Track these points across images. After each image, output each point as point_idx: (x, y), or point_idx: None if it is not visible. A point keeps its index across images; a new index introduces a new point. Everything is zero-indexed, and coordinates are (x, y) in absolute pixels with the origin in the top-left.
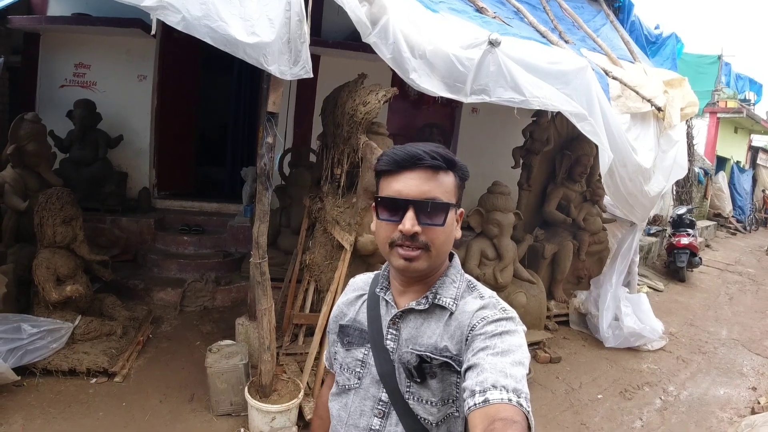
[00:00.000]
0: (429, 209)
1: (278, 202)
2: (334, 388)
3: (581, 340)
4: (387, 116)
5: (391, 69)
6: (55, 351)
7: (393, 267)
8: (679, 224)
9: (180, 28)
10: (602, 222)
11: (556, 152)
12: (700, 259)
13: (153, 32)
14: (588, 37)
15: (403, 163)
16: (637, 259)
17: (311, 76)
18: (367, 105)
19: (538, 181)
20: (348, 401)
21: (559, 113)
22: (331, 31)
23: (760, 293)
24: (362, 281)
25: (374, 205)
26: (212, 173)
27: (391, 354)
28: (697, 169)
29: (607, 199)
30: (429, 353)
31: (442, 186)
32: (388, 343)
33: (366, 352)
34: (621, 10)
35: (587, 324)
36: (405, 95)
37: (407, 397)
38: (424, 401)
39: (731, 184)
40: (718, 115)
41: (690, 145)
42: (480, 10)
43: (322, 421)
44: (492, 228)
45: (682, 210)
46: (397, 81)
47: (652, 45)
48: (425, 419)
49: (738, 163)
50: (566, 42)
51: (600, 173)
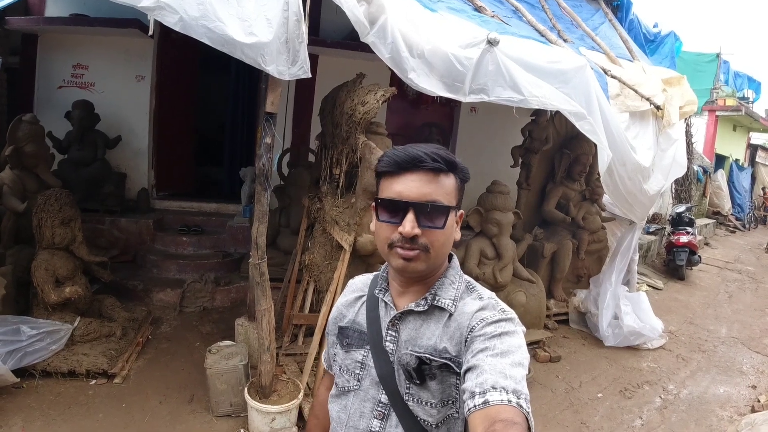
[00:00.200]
0: (429, 212)
1: (277, 202)
2: (333, 390)
3: (581, 338)
4: (386, 116)
5: (389, 68)
6: (54, 352)
7: (392, 267)
8: (679, 222)
9: (177, 28)
10: (601, 221)
11: (556, 151)
12: (700, 257)
13: (150, 33)
14: (587, 36)
15: (403, 164)
16: (637, 257)
17: (309, 76)
18: (366, 105)
19: (537, 180)
20: (347, 403)
21: (558, 112)
22: (329, 31)
23: (760, 291)
24: (361, 282)
25: (374, 205)
26: (211, 173)
27: (390, 355)
28: (696, 168)
29: (606, 198)
30: (428, 355)
31: (443, 188)
32: (388, 344)
33: (365, 354)
34: (619, 8)
35: (587, 323)
36: (404, 95)
37: (407, 398)
38: (424, 403)
39: (730, 182)
40: (717, 113)
41: (689, 144)
42: (478, 9)
43: (318, 420)
44: (491, 227)
45: (681, 208)
46: (395, 80)
47: (650, 43)
48: (425, 421)
49: (737, 161)
50: (565, 41)
51: (599, 172)
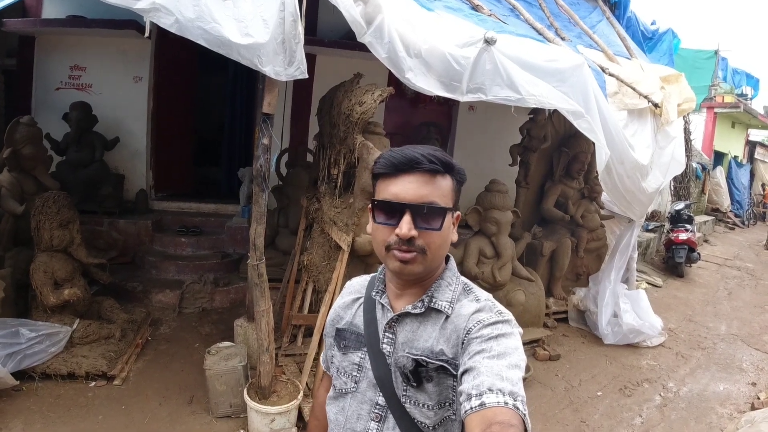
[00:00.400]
0: (426, 213)
1: (276, 202)
2: (331, 392)
3: (580, 337)
4: (384, 115)
5: (387, 68)
6: (53, 355)
7: (389, 270)
8: (677, 220)
9: (173, 30)
10: (600, 219)
11: (554, 149)
12: (699, 254)
13: (147, 34)
14: (584, 34)
15: (400, 166)
16: (636, 255)
17: (306, 76)
18: (363, 105)
19: (535, 179)
20: (345, 405)
21: (556, 111)
22: (326, 31)
23: (759, 288)
24: (358, 284)
25: (370, 207)
26: (210, 174)
27: (387, 358)
28: (694, 165)
29: (604, 196)
30: (425, 357)
31: (440, 190)
32: (385, 346)
33: (363, 356)
34: (617, 6)
35: (586, 321)
36: (402, 94)
37: (404, 400)
38: (421, 405)
39: (729, 178)
40: (716, 110)
41: (687, 141)
42: (476, 8)
43: (318, 422)
44: (490, 226)
45: (680, 205)
46: (393, 80)
47: (648, 41)
48: (422, 423)
49: (735, 157)
50: (562, 39)
51: (597, 170)
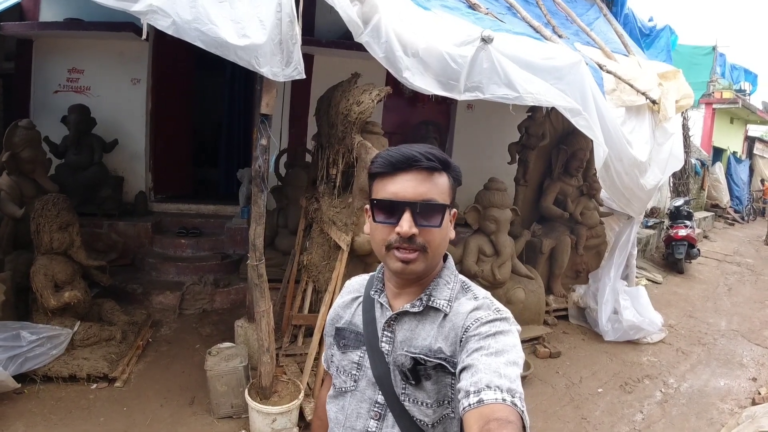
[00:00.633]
0: (426, 210)
1: (275, 202)
2: (331, 391)
3: (581, 334)
4: (382, 114)
5: (385, 67)
6: (55, 357)
7: (389, 269)
8: (677, 216)
9: (170, 32)
10: (599, 216)
11: (552, 147)
12: (699, 250)
13: (144, 36)
14: (581, 31)
15: (398, 164)
16: (635, 252)
17: (304, 77)
18: (361, 105)
19: (534, 177)
20: (345, 404)
21: (554, 108)
22: (324, 31)
23: (759, 283)
24: (357, 283)
25: (368, 208)
26: (209, 174)
27: (386, 356)
28: (693, 161)
29: (603, 193)
30: (423, 355)
31: (438, 187)
32: (383, 345)
33: (362, 355)
34: (614, 3)
35: (586, 318)
36: (400, 93)
37: (403, 399)
38: (420, 403)
39: (728, 174)
40: (714, 106)
41: (686, 137)
42: (472, 6)
43: (321, 422)
44: (489, 224)
45: (679, 202)
46: (391, 79)
47: (646, 37)
48: (421, 421)
49: (735, 153)
50: (560, 36)
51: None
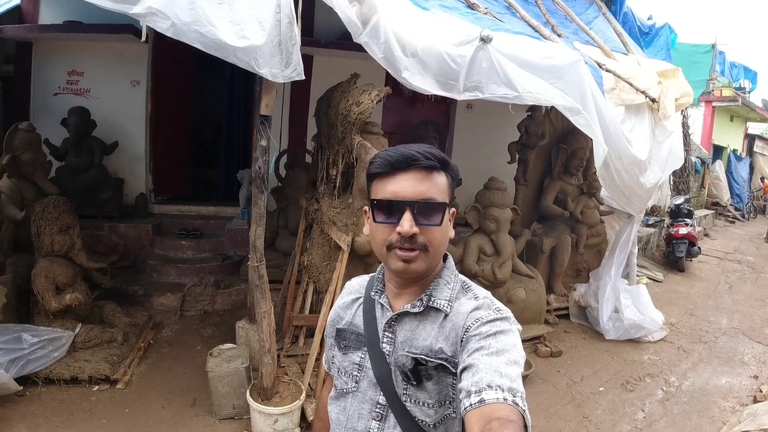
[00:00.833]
0: (426, 209)
1: (275, 203)
2: (332, 392)
3: (582, 333)
4: (382, 115)
5: (384, 68)
6: (56, 360)
7: (390, 269)
8: (677, 214)
9: (169, 34)
10: (600, 214)
11: (552, 146)
12: (699, 248)
13: (143, 38)
14: (581, 30)
15: (397, 164)
16: (636, 250)
17: (303, 78)
18: (361, 105)
19: (534, 176)
20: (346, 405)
21: (554, 107)
22: (323, 31)
23: (760, 281)
24: (358, 284)
25: (367, 209)
26: (209, 176)
27: (387, 357)
28: (693, 159)
29: (604, 192)
30: (424, 356)
31: (437, 186)
32: (384, 346)
33: (363, 356)
34: (613, 1)
35: (587, 317)
36: (399, 93)
37: (404, 399)
38: (421, 403)
39: (728, 172)
40: (714, 104)
41: (686, 135)
42: (471, 6)
43: (323, 422)
44: (489, 224)
45: (679, 200)
46: (391, 79)
47: (645, 36)
48: (423, 421)
49: (735, 151)
50: (559, 36)
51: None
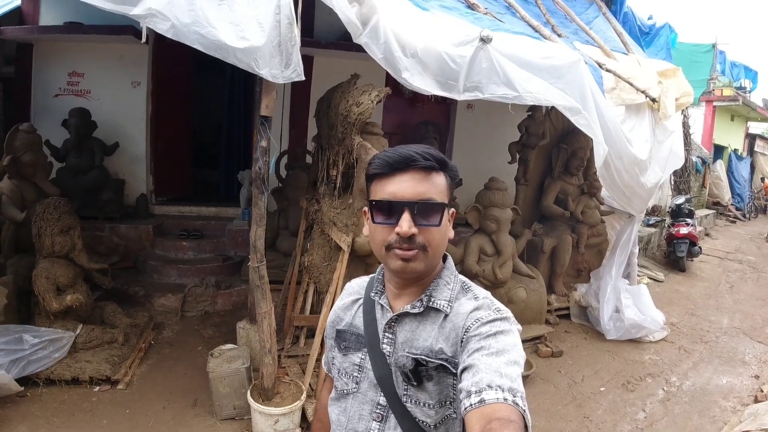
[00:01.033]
0: (425, 210)
1: (276, 204)
2: (333, 393)
3: (582, 333)
4: (382, 115)
5: (384, 68)
6: (57, 360)
7: (390, 270)
8: (678, 214)
9: (169, 35)
10: (600, 214)
11: (553, 146)
12: (700, 248)
13: (144, 39)
14: (581, 30)
15: (396, 165)
16: (637, 250)
17: (303, 78)
18: (361, 106)
19: (535, 176)
20: (347, 406)
21: (554, 107)
22: (323, 32)
23: (761, 281)
24: (358, 285)
25: (366, 210)
26: (210, 176)
27: (387, 358)
28: (694, 159)
29: (604, 192)
30: (424, 356)
31: (436, 186)
32: (385, 347)
33: (363, 357)
34: (613, 1)
35: (588, 317)
36: (399, 94)
37: (405, 400)
38: (422, 404)
39: (729, 172)
40: (714, 104)
41: (686, 135)
42: (471, 6)
43: (322, 424)
44: (490, 224)
45: (680, 200)
46: (391, 80)
47: (645, 36)
48: (423, 422)
49: (735, 150)
50: (559, 36)
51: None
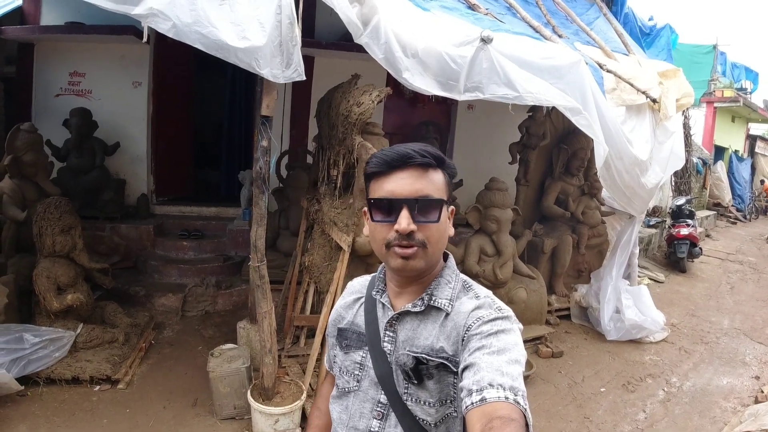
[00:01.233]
0: (423, 206)
1: (276, 204)
2: (334, 391)
3: (583, 333)
4: (383, 115)
5: (385, 68)
6: (57, 360)
7: (390, 268)
8: (679, 215)
9: (171, 35)
10: (601, 215)
11: (553, 147)
12: (701, 249)
13: (145, 39)
14: (581, 31)
15: (393, 163)
16: (637, 251)
17: (304, 78)
18: (361, 106)
19: (535, 176)
20: (348, 404)
21: (554, 108)
22: (324, 32)
23: (762, 282)
24: (359, 284)
25: (366, 209)
26: (210, 176)
27: (388, 356)
28: (695, 160)
29: (605, 192)
30: (425, 355)
31: (434, 183)
32: (386, 345)
33: (364, 355)
34: (614, 2)
35: (588, 317)
36: (400, 94)
37: (405, 398)
38: (422, 402)
39: (730, 173)
40: (715, 105)
41: (687, 136)
42: (472, 6)
43: (320, 411)
44: (490, 224)
45: (681, 201)
46: (391, 80)
47: (646, 37)
48: (424, 420)
49: (736, 152)
50: (560, 36)
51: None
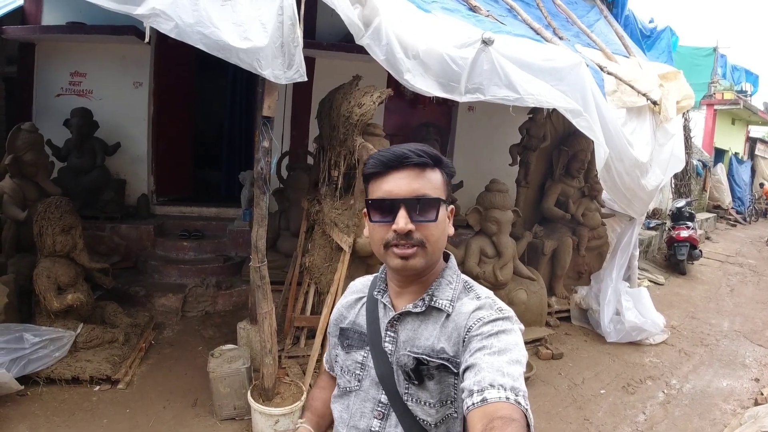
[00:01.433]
0: (420, 206)
1: (277, 205)
2: (335, 391)
3: (583, 335)
4: (383, 116)
5: (386, 69)
6: (57, 360)
7: (390, 268)
8: (679, 217)
9: (173, 35)
10: (601, 217)
11: (554, 148)
12: (701, 251)
13: (146, 40)
14: (582, 33)
15: (390, 163)
16: (637, 253)
17: (305, 79)
18: (362, 107)
19: (535, 178)
20: (349, 403)
21: (555, 110)
22: (326, 33)
23: (762, 284)
24: (361, 284)
25: (365, 210)
26: (211, 177)
27: (389, 356)
28: (695, 162)
29: (605, 194)
30: (426, 355)
31: (431, 183)
32: (386, 345)
33: (365, 355)
34: (615, 4)
35: (588, 319)
36: (401, 95)
37: (406, 398)
38: (423, 402)
39: (730, 175)
40: (715, 107)
41: (687, 138)
42: (473, 8)
43: (313, 401)
44: (491, 226)
45: (681, 203)
46: (392, 81)
47: (646, 39)
48: (424, 420)
49: (736, 154)
50: (560, 38)
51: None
